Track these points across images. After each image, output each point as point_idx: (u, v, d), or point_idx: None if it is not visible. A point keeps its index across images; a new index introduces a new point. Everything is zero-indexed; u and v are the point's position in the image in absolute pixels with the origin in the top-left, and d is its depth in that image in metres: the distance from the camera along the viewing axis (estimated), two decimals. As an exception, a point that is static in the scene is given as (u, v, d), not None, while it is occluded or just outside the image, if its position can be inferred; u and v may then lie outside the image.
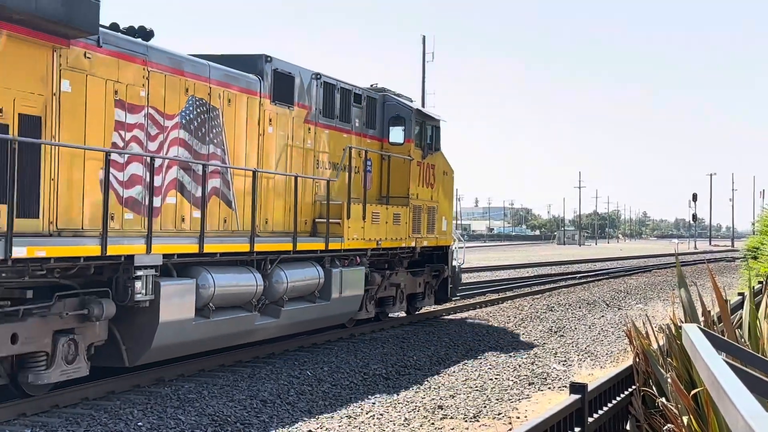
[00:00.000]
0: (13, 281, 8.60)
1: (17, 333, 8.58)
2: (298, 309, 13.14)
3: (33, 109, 8.91)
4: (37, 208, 8.88)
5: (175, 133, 11.06)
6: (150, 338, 10.08)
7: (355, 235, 14.58)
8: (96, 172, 9.68)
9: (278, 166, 13.27)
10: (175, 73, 11.09)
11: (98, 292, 9.60)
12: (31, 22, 8.64)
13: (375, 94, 16.46)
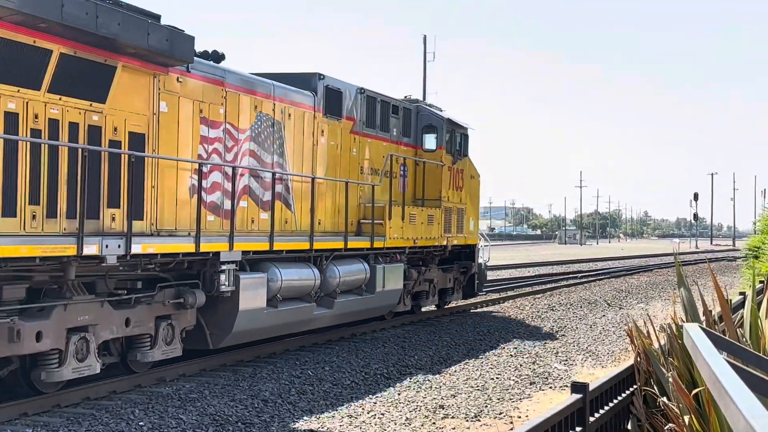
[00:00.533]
0: (128, 273, 10.27)
1: (129, 318, 10.23)
2: (348, 301, 14.62)
3: (139, 128, 10.45)
4: (141, 212, 10.40)
5: (247, 145, 12.61)
6: (231, 324, 11.62)
7: (396, 234, 15.96)
8: (186, 180, 11.25)
9: (329, 172, 14.70)
10: (247, 93, 12.62)
11: (190, 283, 11.16)
12: (141, 54, 10.13)
13: (410, 105, 17.97)
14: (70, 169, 9.39)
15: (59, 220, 9.33)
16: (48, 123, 9.20)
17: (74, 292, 9.48)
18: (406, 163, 17.45)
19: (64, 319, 9.25)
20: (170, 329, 10.90)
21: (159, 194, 10.72)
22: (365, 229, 15.31)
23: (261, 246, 12.29)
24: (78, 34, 9.17)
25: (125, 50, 9.93)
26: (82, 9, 8.89)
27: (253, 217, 12.59)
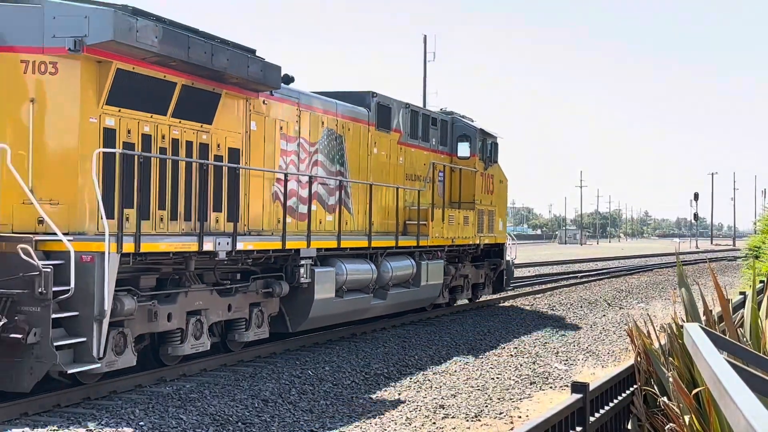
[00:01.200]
0: (229, 267, 12.08)
1: (231, 304, 12.08)
2: (398, 293, 16.48)
3: (235, 144, 12.42)
4: (237, 215, 12.18)
5: (316, 157, 14.58)
6: (307, 311, 13.44)
7: (437, 234, 17.67)
8: (270, 187, 13.23)
9: (380, 178, 16.58)
10: (316, 111, 14.59)
11: (276, 276, 12.93)
12: (240, 83, 12.01)
13: (446, 117, 19.88)
14: (186, 180, 11.35)
15: (179, 222, 11.28)
16: (171, 142, 11.18)
17: (192, 281, 11.31)
18: (444, 170, 19.27)
19: (185, 304, 11.13)
20: (260, 314, 12.82)
21: (250, 200, 12.67)
22: (410, 229, 17.17)
23: (330, 244, 14.13)
24: (196, 69, 11.12)
25: (229, 80, 11.83)
26: (201, 49, 10.90)
27: (321, 219, 14.57)
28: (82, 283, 9.22)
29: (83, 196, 10.00)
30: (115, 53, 10.07)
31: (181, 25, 10.87)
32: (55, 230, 9.15)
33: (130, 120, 10.57)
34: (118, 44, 9.81)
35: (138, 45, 9.94)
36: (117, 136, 10.37)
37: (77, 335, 9.26)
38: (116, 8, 9.78)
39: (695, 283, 11.47)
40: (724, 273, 38.88)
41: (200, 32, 11.22)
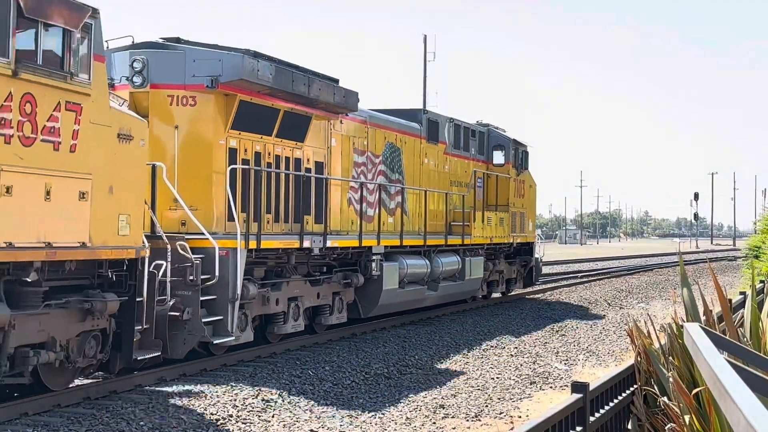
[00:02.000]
0: (317, 261, 14.46)
1: (319, 292, 14.35)
2: (447, 285, 18.58)
3: (320, 158, 14.81)
4: (322, 217, 14.44)
5: (380, 167, 16.93)
6: (377, 300, 15.81)
7: (478, 233, 19.91)
8: (345, 194, 15.71)
9: (430, 185, 18.82)
10: (380, 128, 16.97)
11: (352, 269, 15.32)
12: (327, 107, 14.39)
13: (483, 128, 22.10)
14: (285, 188, 13.74)
15: (280, 224, 13.60)
16: (275, 158, 13.62)
17: (291, 273, 13.63)
18: (482, 176, 21.54)
19: (287, 291, 13.45)
20: (341, 302, 15.15)
21: (331, 204, 14.91)
22: (455, 229, 19.38)
23: (394, 242, 16.49)
24: (296, 97, 13.44)
25: (318, 105, 14.14)
26: (301, 81, 13.28)
27: (384, 220, 16.65)
28: (221, 273, 11.51)
29: (215, 203, 12.41)
30: (238, 88, 12.49)
31: (286, 62, 13.39)
32: (204, 231, 11.57)
33: (246, 141, 13.02)
34: (244, 81, 12.24)
35: (258, 81, 12.38)
36: (238, 154, 12.78)
37: (216, 315, 11.61)
38: (243, 52, 12.38)
39: (695, 283, 11.46)
40: (724, 273, 38.88)
41: (299, 67, 13.64)
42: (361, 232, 15.22)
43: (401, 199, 17.45)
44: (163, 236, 10.73)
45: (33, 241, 8.33)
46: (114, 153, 9.46)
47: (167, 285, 10.61)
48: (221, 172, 12.32)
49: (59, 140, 8.61)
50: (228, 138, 12.60)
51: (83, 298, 9.24)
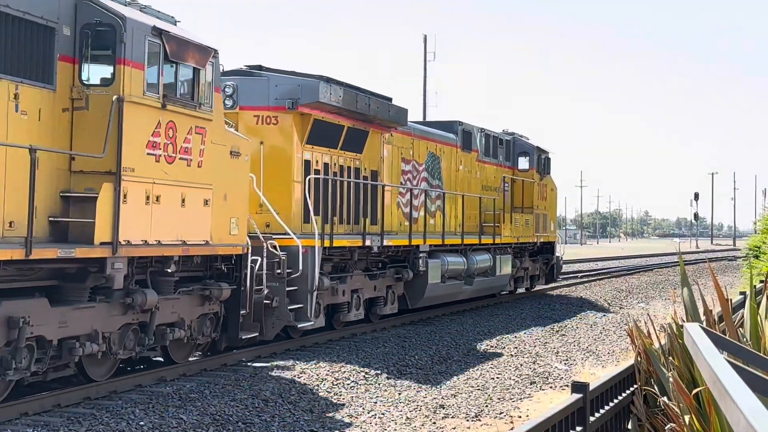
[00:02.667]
0: (374, 258, 16.39)
1: (376, 285, 16.34)
2: (480, 280, 20.47)
3: (375, 167, 16.90)
4: (377, 219, 16.50)
5: (422, 174, 19.00)
6: (423, 292, 17.67)
7: (507, 233, 22.01)
8: (395, 199, 17.86)
9: (465, 189, 20.86)
10: (423, 139, 19.04)
11: (402, 265, 17.23)
12: (381, 123, 16.57)
13: (509, 136, 23.96)
14: (347, 194, 15.84)
15: (344, 225, 15.60)
16: (339, 168, 15.65)
17: (353, 268, 15.58)
18: (508, 181, 23.38)
19: (351, 284, 15.43)
20: (393, 294, 17.10)
21: (384, 208, 16.78)
22: (487, 229, 21.22)
23: (437, 241, 18.41)
24: (357, 115, 15.62)
25: (374, 121, 16.35)
26: (363, 102, 15.51)
27: (427, 222, 18.65)
28: (303, 267, 13.35)
29: (293, 207, 14.33)
30: (313, 109, 14.52)
31: (350, 85, 15.47)
32: (289, 232, 13.53)
33: (318, 153, 15.01)
34: (318, 103, 14.37)
35: (330, 103, 14.53)
36: (311, 165, 14.76)
37: (298, 303, 13.52)
38: (317, 78, 14.59)
39: (695, 282, 11.45)
40: (724, 273, 38.88)
41: (360, 88, 15.75)
42: (410, 232, 17.44)
43: (441, 203, 19.53)
44: (260, 236, 12.66)
45: (173, 239, 10.41)
46: (227, 167, 11.64)
47: (263, 277, 12.52)
48: (299, 181, 14.44)
49: (191, 158, 10.74)
50: (303, 151, 14.66)
51: (203, 287, 11.39)
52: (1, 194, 8.57)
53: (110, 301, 9.79)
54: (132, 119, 9.73)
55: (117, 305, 9.90)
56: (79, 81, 9.67)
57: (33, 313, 8.72)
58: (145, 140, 9.91)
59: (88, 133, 9.56)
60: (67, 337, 9.23)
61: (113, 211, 9.44)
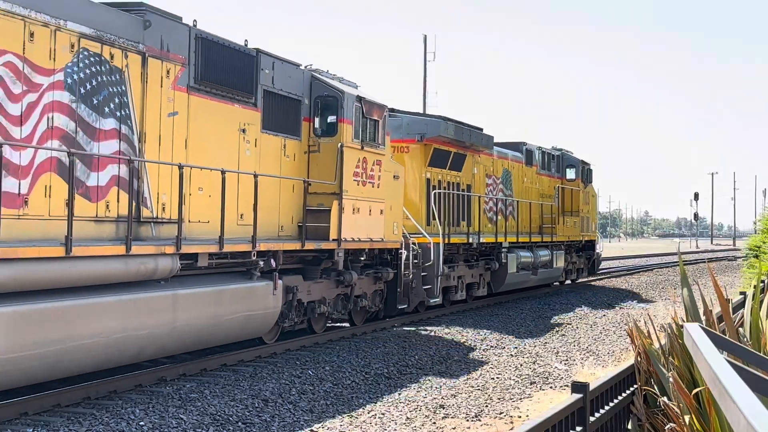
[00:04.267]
0: (469, 252, 20.85)
1: (472, 273, 20.85)
2: (542, 271, 25.06)
3: (468, 182, 21.37)
4: (470, 222, 21.01)
5: (500, 186, 23.44)
6: (503, 280, 22.30)
7: (561, 233, 27.16)
8: (482, 206, 21.98)
9: (529, 197, 25.36)
10: (499, 158, 23.60)
11: (488, 258, 21.93)
12: (475, 148, 21.40)
13: (558, 152, 28.48)
14: (452, 203, 20.40)
15: (450, 227, 19.91)
16: (447, 183, 20.18)
17: (458, 260, 20.12)
18: (560, 190, 27.96)
19: (457, 272, 20.01)
20: (483, 280, 21.65)
21: (475, 213, 21.38)
22: (545, 230, 25.92)
23: (513, 239, 23.17)
24: (460, 143, 20.44)
25: (470, 147, 21.19)
26: (467, 133, 20.42)
27: (504, 224, 23.04)
28: (432, 258, 17.84)
29: (421, 214, 18.85)
30: (433, 140, 19.37)
31: (457, 121, 20.16)
32: (423, 233, 18.01)
33: (434, 173, 19.69)
34: (439, 137, 19.30)
35: (446, 136, 19.41)
36: (431, 182, 19.43)
37: (427, 285, 17.88)
38: (437, 118, 19.68)
39: (695, 282, 11.45)
40: (724, 273, 38.86)
41: (463, 123, 20.47)
42: (496, 231, 22.23)
43: (512, 209, 23.92)
44: (407, 235, 16.94)
45: (365, 238, 15.12)
46: (392, 186, 16.34)
47: (410, 265, 16.78)
48: (424, 194, 19.21)
49: (374, 182, 15.52)
50: (425, 173, 19.40)
51: (376, 271, 16.05)
52: (277, 209, 13.16)
53: (330, 278, 14.51)
54: (346, 158, 14.39)
55: (334, 281, 14.63)
56: (313, 133, 14.35)
57: (297, 284, 13.44)
58: (352, 171, 14.66)
59: (320, 168, 14.22)
60: (310, 301, 14.04)
61: (338, 219, 14.13)
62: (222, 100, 12.06)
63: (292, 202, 13.51)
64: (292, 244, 13.06)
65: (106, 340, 9.57)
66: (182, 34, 11.28)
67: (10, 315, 8.33)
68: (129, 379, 10.41)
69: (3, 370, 8.34)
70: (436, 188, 19.48)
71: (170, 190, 10.87)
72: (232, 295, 11.83)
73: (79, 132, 9.64)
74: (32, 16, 8.99)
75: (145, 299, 10.18)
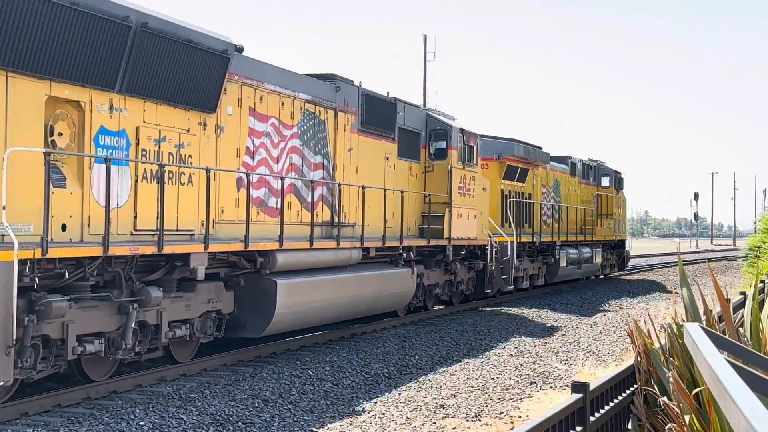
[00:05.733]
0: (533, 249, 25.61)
1: (534, 266, 25.23)
2: (585, 266, 29.45)
3: (530, 191, 25.39)
4: (532, 224, 24.96)
5: (552, 194, 27.53)
6: (557, 272, 26.30)
7: (598, 233, 31.76)
8: (540, 211, 25.92)
9: (573, 203, 29.68)
10: (551, 170, 27.57)
11: (545, 254, 25.97)
12: (536, 163, 25.81)
13: (594, 163, 32.95)
14: (517, 208, 24.07)
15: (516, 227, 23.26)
16: (515, 193, 24.10)
17: (523, 255, 23.65)
18: (597, 196, 32.46)
19: (523, 265, 23.85)
20: (541, 272, 25.65)
21: (535, 217, 25.46)
22: (586, 231, 30.33)
23: (563, 239, 27.53)
24: (525, 160, 24.58)
25: (532, 162, 25.15)
26: (531, 152, 24.88)
27: (558, 225, 27.52)
28: (509, 253, 21.45)
29: (498, 218, 22.64)
30: (506, 159, 23.76)
31: (524, 141, 24.60)
32: (502, 233, 21.79)
33: (506, 185, 23.81)
34: (512, 156, 23.71)
35: (517, 155, 23.85)
36: (504, 192, 23.45)
37: (504, 275, 21.49)
38: (510, 141, 23.92)
39: (695, 282, 11.42)
40: (724, 273, 38.86)
41: (529, 143, 24.96)
42: (552, 232, 26.57)
43: (561, 213, 28.09)
44: (490, 234, 21.19)
45: (465, 236, 19.41)
46: (482, 196, 20.81)
47: (493, 258, 21.07)
48: (499, 202, 23.26)
49: (470, 193, 19.80)
50: (501, 184, 23.65)
51: (470, 262, 20.32)
52: (406, 215, 17.09)
53: (440, 267, 19.05)
54: (454, 176, 18.89)
55: (443, 270, 19.19)
56: (429, 158, 18.86)
57: (422, 272, 17.92)
58: (457, 186, 19.10)
59: (434, 184, 18.74)
60: (429, 284, 18.51)
61: (449, 222, 18.56)
62: (375, 137, 16.56)
63: (415, 209, 18.15)
64: (422, 241, 17.72)
65: (327, 305, 14.01)
66: (354, 92, 15.82)
67: (284, 285, 12.67)
68: (129, 379, 10.41)
69: (283, 318, 12.71)
70: (508, 197, 23.72)
71: (348, 202, 15.35)
72: (388, 277, 16.27)
73: (304, 166, 14.12)
74: (283, 92, 13.53)
75: (346, 278, 14.71)
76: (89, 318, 9.46)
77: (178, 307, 10.95)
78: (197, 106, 11.34)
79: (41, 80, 9.05)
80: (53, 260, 8.90)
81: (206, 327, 11.65)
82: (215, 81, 11.57)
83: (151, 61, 10.36)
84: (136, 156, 10.29)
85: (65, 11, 9.09)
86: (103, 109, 9.90)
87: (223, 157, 11.96)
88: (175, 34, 10.71)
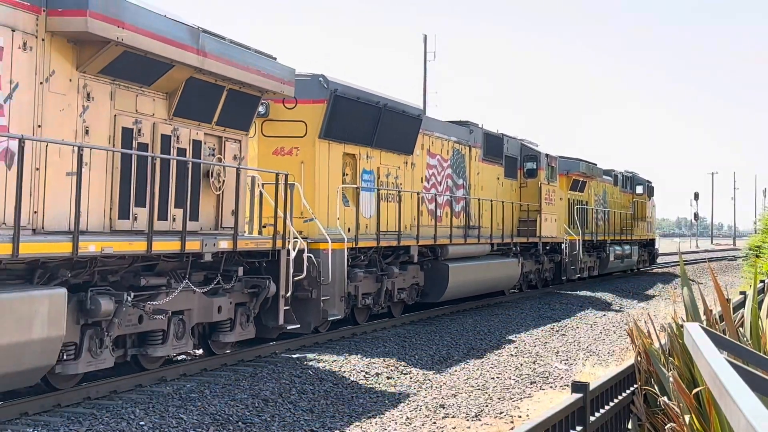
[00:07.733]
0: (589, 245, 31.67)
1: (592, 259, 31.61)
2: (627, 260, 35.01)
3: (587, 199, 31.60)
4: (589, 226, 31.49)
5: (600, 201, 33.28)
6: (606, 265, 32.52)
7: (635, 233, 38.09)
8: (595, 216, 32.19)
9: (617, 208, 35.15)
10: (601, 182, 33.60)
11: (599, 249, 31.60)
12: (592, 177, 31.98)
13: (631, 174, 38.76)
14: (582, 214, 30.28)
15: (577, 228, 29.33)
16: (577, 201, 30.25)
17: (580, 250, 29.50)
18: (633, 202, 38.30)
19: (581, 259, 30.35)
20: (596, 265, 31.14)
21: (589, 220, 30.73)
22: (626, 231, 36.06)
23: (611, 237, 33.29)
24: (585, 175, 30.66)
25: (589, 176, 30.76)
26: (590, 168, 31.09)
27: (608, 226, 33.21)
28: (576, 249, 28.11)
29: (566, 221, 28.10)
30: (572, 174, 29.63)
31: (587, 160, 30.75)
32: (573, 234, 27.94)
33: (571, 195, 28.98)
34: (577, 171, 29.77)
35: (580, 171, 29.59)
36: (570, 201, 28.96)
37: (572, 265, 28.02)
38: (576, 160, 29.82)
39: (695, 282, 11.46)
40: (724, 273, 38.85)
41: (589, 161, 30.23)
42: (605, 233, 32.44)
43: (608, 216, 33.51)
44: (564, 234, 26.15)
45: (549, 235, 25.51)
46: (558, 204, 26.21)
47: (568, 253, 26.76)
48: (566, 208, 28.68)
49: (552, 202, 25.66)
50: (568, 194, 28.93)
51: (551, 255, 26.54)
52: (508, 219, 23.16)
53: (532, 259, 25.08)
54: (543, 190, 24.62)
55: (534, 260, 25.25)
56: (523, 176, 24.82)
57: (523, 262, 24.03)
58: (544, 197, 24.72)
59: (527, 196, 24.57)
60: (526, 272, 24.30)
61: (540, 225, 24.25)
62: (490, 163, 22.97)
63: (514, 215, 23.95)
64: (522, 238, 23.79)
65: (473, 281, 20.21)
66: (479, 132, 22.27)
67: (453, 267, 18.80)
68: (129, 379, 10.41)
69: (452, 289, 18.79)
70: (573, 204, 29.45)
71: (476, 211, 21.56)
72: (503, 264, 22.33)
73: (452, 187, 20.58)
74: (442, 137, 20.15)
75: (482, 264, 20.88)
76: (366, 283, 15.80)
77: (401, 280, 17.19)
78: (404, 152, 17.79)
79: (340, 143, 15.45)
80: (356, 248, 15.40)
81: (411, 294, 17.82)
82: (413, 134, 17.95)
83: (386, 126, 16.56)
84: (377, 185, 16.54)
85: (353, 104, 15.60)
86: (364, 157, 16.22)
87: (415, 183, 18.46)
88: (396, 108, 16.86)
